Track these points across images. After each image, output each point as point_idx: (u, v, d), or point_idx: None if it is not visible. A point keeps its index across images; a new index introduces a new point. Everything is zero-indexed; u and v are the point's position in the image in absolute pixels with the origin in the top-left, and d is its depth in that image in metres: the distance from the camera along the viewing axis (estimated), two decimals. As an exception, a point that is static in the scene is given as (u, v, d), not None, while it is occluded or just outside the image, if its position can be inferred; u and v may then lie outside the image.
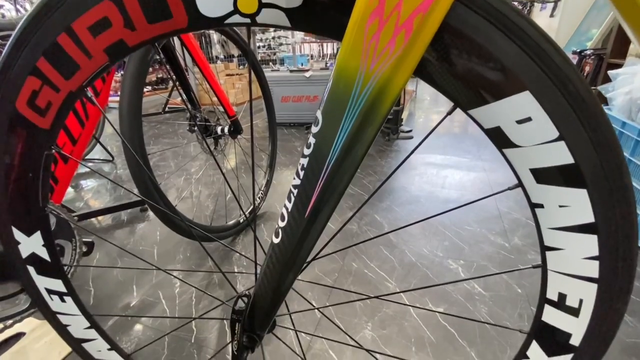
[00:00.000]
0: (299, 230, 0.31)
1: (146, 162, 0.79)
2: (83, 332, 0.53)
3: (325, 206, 0.30)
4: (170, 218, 0.87)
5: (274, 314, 0.38)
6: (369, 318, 0.91)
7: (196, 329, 0.89)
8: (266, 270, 0.35)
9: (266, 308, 0.38)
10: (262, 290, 0.37)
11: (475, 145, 2.28)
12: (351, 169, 0.28)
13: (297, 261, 0.33)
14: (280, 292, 0.36)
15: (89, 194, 1.78)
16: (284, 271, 0.34)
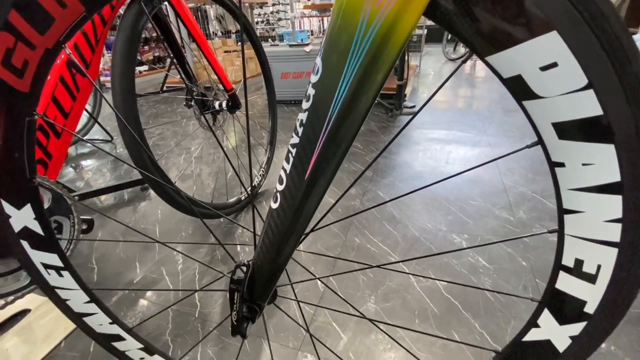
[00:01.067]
0: (298, 194, 0.29)
1: (141, 134, 0.76)
2: (83, 307, 0.52)
3: (327, 167, 0.27)
4: (165, 190, 0.85)
5: (274, 284, 0.37)
6: (372, 291, 0.91)
7: (200, 304, 0.89)
8: (265, 238, 0.33)
9: (266, 277, 0.36)
10: (261, 258, 0.35)
11: (480, 120, 2.23)
12: (355, 123, 0.25)
13: (297, 228, 0.31)
14: (280, 261, 0.34)
15: (89, 174, 1.77)
16: (283, 239, 0.32)
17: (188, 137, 2.21)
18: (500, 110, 2.46)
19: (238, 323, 0.37)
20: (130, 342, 0.56)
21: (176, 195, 0.89)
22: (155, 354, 0.57)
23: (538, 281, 0.91)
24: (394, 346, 0.76)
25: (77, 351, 0.78)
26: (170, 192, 0.87)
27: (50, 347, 0.78)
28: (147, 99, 3.47)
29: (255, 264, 0.36)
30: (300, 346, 0.77)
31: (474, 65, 4.49)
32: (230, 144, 2.08)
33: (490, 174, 1.50)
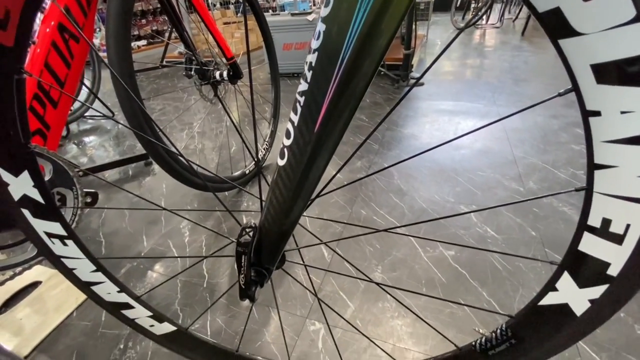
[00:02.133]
0: (307, 149, 0.26)
1: (136, 91, 0.73)
2: (90, 276, 0.52)
3: (339, 118, 0.25)
4: (158, 150, 0.82)
5: (282, 248, 0.36)
6: (378, 261, 0.91)
7: (207, 275, 0.90)
8: (272, 198, 0.31)
9: (273, 240, 0.35)
10: (268, 220, 0.33)
11: (490, 91, 2.16)
12: (371, 65, 0.22)
13: (305, 187, 0.29)
14: (288, 223, 0.33)
15: (92, 150, 1.75)
16: (291, 198, 0.30)
17: (190, 112, 2.17)
18: (510, 80, 2.37)
19: (246, 286, 0.36)
20: (139, 310, 0.56)
21: (162, 149, 0.87)
22: (164, 321, 0.57)
23: (547, 250, 0.90)
24: (401, 314, 0.76)
25: (89, 320, 0.79)
26: (168, 157, 0.85)
27: (62, 317, 0.79)
28: (147, 74, 3.40)
29: (263, 227, 0.35)
30: (308, 314, 0.77)
31: (483, 34, 4.31)
32: (232, 118, 2.04)
33: (500, 145, 1.47)
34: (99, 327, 0.77)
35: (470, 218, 1.05)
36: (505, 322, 0.42)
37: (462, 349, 0.47)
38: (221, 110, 2.17)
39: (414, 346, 0.69)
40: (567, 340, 0.39)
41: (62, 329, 0.77)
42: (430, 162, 1.37)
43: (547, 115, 1.74)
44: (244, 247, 0.34)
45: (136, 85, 0.74)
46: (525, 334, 0.41)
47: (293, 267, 0.90)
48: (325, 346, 0.71)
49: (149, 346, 0.72)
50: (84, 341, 0.74)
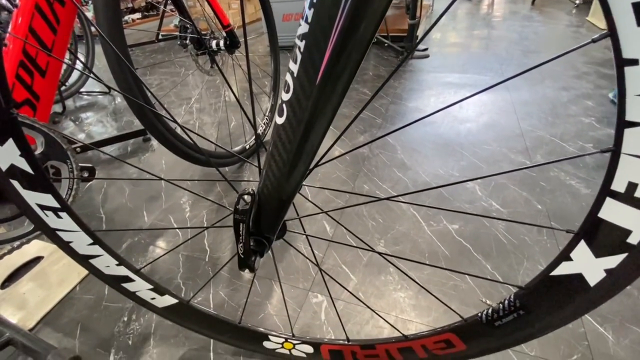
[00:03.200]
0: (308, 103, 0.24)
1: (126, 54, 0.70)
2: (87, 249, 0.51)
3: (345, 65, 0.22)
4: (145, 112, 0.79)
5: (282, 215, 0.34)
6: (381, 235, 0.90)
7: (209, 249, 0.90)
8: (271, 161, 0.29)
9: (273, 207, 0.33)
10: (267, 186, 0.31)
11: (498, 62, 2.08)
12: (380, 4, 0.19)
13: (306, 147, 0.27)
14: (288, 188, 0.30)
15: (89, 126, 1.72)
16: (292, 161, 0.28)
17: (188, 87, 2.12)
18: (519, 51, 2.28)
19: (245, 256, 0.35)
20: (140, 283, 0.55)
21: (167, 132, 0.84)
22: (165, 294, 0.57)
23: (554, 224, 0.89)
24: (404, 286, 0.76)
25: (93, 294, 0.79)
26: (162, 127, 0.82)
27: (65, 291, 0.79)
28: (142, 49, 3.30)
29: (261, 193, 0.33)
30: (310, 286, 0.77)
31: (491, 3, 4.12)
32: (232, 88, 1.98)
33: (506, 118, 1.42)
34: (103, 300, 0.78)
35: (475, 192, 1.03)
36: (514, 293, 0.41)
37: (468, 320, 0.46)
38: (219, 84, 2.12)
39: (417, 318, 0.69)
40: (577, 311, 0.38)
41: (66, 302, 0.78)
42: (434, 136, 1.34)
43: (556, 87, 1.68)
44: (242, 215, 0.33)
45: (126, 48, 0.70)
46: (535, 305, 0.40)
47: (294, 239, 0.89)
48: (327, 318, 0.71)
49: (152, 319, 0.73)
50: (87, 314, 0.75)
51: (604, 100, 1.50)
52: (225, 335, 0.62)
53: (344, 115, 1.57)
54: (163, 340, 0.69)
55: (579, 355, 0.61)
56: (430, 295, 0.73)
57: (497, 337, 0.45)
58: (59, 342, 0.69)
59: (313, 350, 0.58)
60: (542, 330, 0.42)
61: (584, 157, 1.14)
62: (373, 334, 0.67)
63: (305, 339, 0.58)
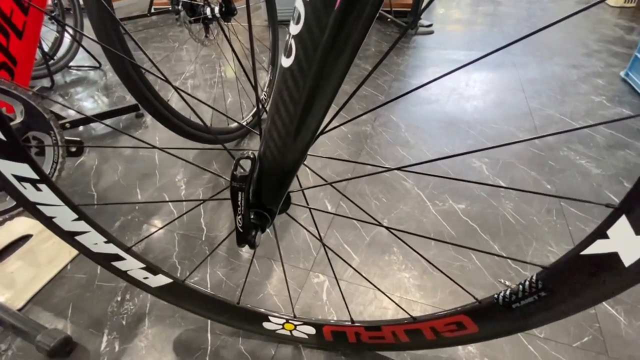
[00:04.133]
0: (323, 36, 0.19)
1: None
2: (72, 225, 0.47)
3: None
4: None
5: (287, 183, 0.30)
6: (384, 215, 0.87)
7: (206, 228, 0.86)
8: (275, 117, 0.25)
9: (277, 173, 0.29)
10: (270, 149, 0.27)
11: (505, 40, 2.00)
12: None
13: (319, 95, 0.22)
14: (294, 151, 0.26)
15: (79, 102, 1.65)
16: (300, 114, 0.23)
17: (182, 63, 2.03)
18: (527, 28, 2.19)
19: (244, 230, 0.31)
20: (131, 262, 0.52)
21: (159, 105, 0.79)
22: (159, 274, 0.53)
23: (563, 204, 0.85)
24: (408, 267, 0.73)
25: (85, 273, 0.76)
26: (153, 99, 0.77)
27: (56, 270, 0.76)
28: (134, 23, 3.16)
29: (263, 157, 0.28)
30: (311, 266, 0.74)
31: (498, -21, 3.95)
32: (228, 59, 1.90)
33: (514, 97, 1.37)
34: (95, 280, 0.75)
35: (482, 171, 0.99)
36: (537, 273, 0.38)
37: (483, 302, 0.43)
38: (214, 60, 2.03)
39: (422, 299, 0.67)
40: (604, 294, 0.35)
41: (57, 281, 0.75)
42: (440, 114, 1.29)
43: (566, 65, 1.62)
44: (240, 182, 0.28)
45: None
46: (558, 286, 0.36)
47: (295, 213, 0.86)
48: (329, 298, 0.68)
49: (147, 299, 0.70)
50: (80, 293, 0.72)
51: (615, 79, 1.45)
52: (223, 316, 0.59)
53: (344, 92, 1.51)
54: (158, 321, 0.66)
55: (590, 338, 0.59)
56: (435, 275, 0.70)
57: (512, 320, 0.42)
58: (49, 322, 0.67)
59: (315, 332, 0.56)
60: (562, 313, 0.39)
61: (595, 137, 1.10)
62: (376, 315, 0.65)
63: (307, 320, 0.55)
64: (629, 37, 1.91)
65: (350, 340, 0.55)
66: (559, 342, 0.59)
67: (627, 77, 1.41)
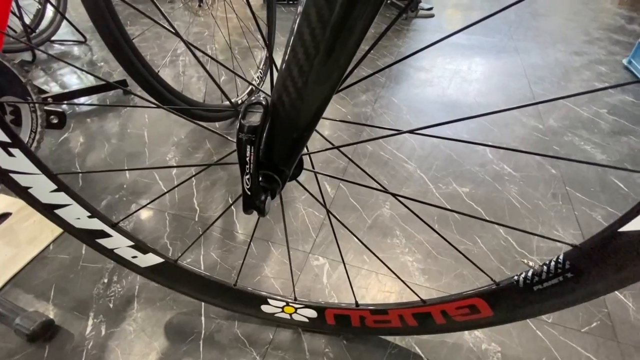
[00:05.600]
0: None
1: None
2: (51, 197, 0.42)
3: None
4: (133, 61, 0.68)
5: (304, 140, 0.26)
6: (386, 197, 0.83)
7: (199, 208, 0.82)
8: (294, 55, 0.20)
9: (293, 128, 0.24)
10: (289, 92, 0.22)
11: (506, 25, 1.96)
12: None
13: (345, 34, 0.18)
14: (315, 97, 0.22)
15: (62, 77, 1.56)
16: (327, 51, 0.19)
17: (171, 39, 1.94)
18: (528, 14, 2.16)
19: (253, 193, 0.27)
20: (118, 239, 0.47)
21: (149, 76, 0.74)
22: (148, 252, 0.49)
23: (569, 189, 0.83)
24: (411, 250, 0.71)
25: (68, 253, 0.71)
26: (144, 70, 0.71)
27: (37, 250, 0.71)
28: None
29: (277, 104, 0.24)
30: (311, 249, 0.71)
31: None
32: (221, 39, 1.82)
33: (517, 82, 1.34)
34: (80, 260, 0.70)
35: (486, 154, 0.96)
36: (565, 253, 0.35)
37: (501, 284, 0.40)
38: (207, 37, 1.94)
39: (427, 282, 0.64)
40: (635, 276, 0.32)
41: (38, 262, 0.70)
42: (442, 97, 1.25)
43: (568, 51, 1.59)
44: (250, 134, 0.24)
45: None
46: (588, 266, 0.34)
47: (293, 198, 0.82)
48: (330, 281, 0.65)
49: (136, 280, 0.66)
50: (63, 274, 0.67)
51: (617, 66, 1.43)
52: (218, 299, 0.56)
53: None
54: (148, 303, 0.62)
55: (598, 323, 0.57)
56: (439, 259, 0.67)
57: (531, 303, 0.40)
58: (29, 304, 0.62)
59: (317, 315, 0.53)
60: (586, 296, 0.36)
61: (599, 123, 1.08)
62: (379, 298, 0.62)
63: (309, 303, 0.52)
64: (630, 27, 1.89)
65: (353, 324, 0.52)
66: (567, 327, 0.57)
67: (630, 64, 1.39)
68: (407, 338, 0.56)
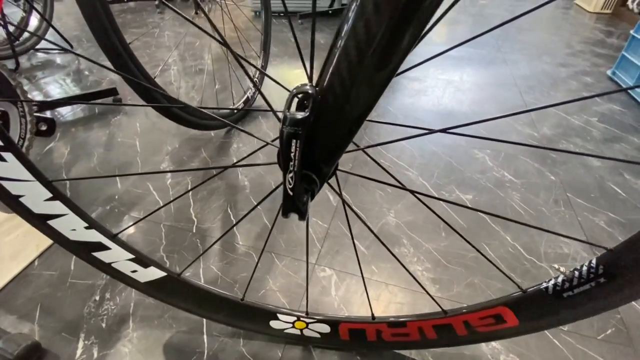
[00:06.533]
0: None
1: None
2: (45, 206, 0.39)
3: None
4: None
5: (352, 134, 0.23)
6: (390, 206, 0.82)
7: (197, 219, 0.78)
8: (355, 27, 0.18)
9: (342, 120, 0.22)
10: (340, 76, 0.19)
11: (493, 37, 2.02)
12: None
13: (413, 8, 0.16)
14: (369, 86, 0.20)
15: (47, 86, 1.50)
16: (393, 21, 0.17)
17: (162, 48, 1.91)
18: (513, 28, 2.23)
19: (295, 193, 0.24)
20: (116, 252, 0.44)
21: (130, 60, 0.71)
22: (150, 266, 0.45)
23: (569, 195, 0.84)
24: (420, 259, 0.69)
25: (55, 269, 0.66)
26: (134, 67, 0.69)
27: (21, 266, 0.66)
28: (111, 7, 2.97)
29: (328, 94, 0.21)
30: (316, 259, 0.68)
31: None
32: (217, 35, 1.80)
33: (509, 92, 1.37)
34: (68, 277, 0.65)
35: (485, 162, 0.97)
36: (598, 257, 0.34)
37: (528, 292, 0.39)
38: (198, 47, 1.92)
39: (439, 292, 0.62)
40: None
41: (22, 279, 0.65)
42: (437, 106, 1.26)
43: (554, 63, 1.64)
44: (296, 126, 0.21)
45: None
46: (622, 271, 0.32)
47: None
48: (338, 293, 0.62)
49: (131, 297, 0.62)
50: (49, 293, 0.62)
51: (602, 77, 1.48)
52: (223, 315, 0.52)
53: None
54: (145, 322, 0.58)
55: (613, 330, 0.57)
56: (449, 267, 0.66)
57: (560, 311, 0.38)
58: (13, 326, 0.57)
59: (330, 330, 0.50)
60: (619, 301, 0.35)
61: (591, 131, 1.10)
62: (391, 310, 0.60)
63: (322, 317, 0.49)
64: (609, 40, 1.97)
65: (369, 338, 0.49)
66: (583, 334, 0.56)
67: (614, 75, 1.44)
68: (424, 351, 0.53)
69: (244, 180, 0.90)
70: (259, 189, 0.87)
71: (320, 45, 1.93)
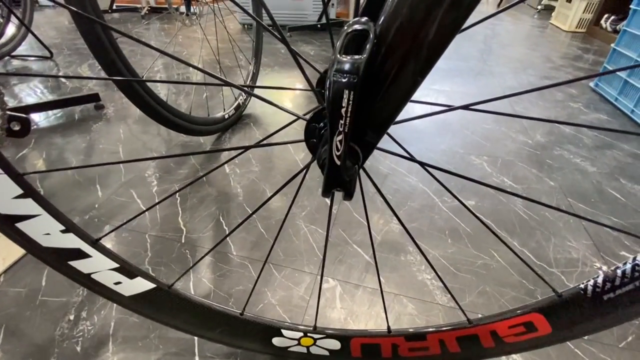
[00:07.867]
0: None
1: None
2: (13, 205, 0.33)
3: None
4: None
5: (417, 84, 0.19)
6: (393, 213, 0.78)
7: (185, 229, 0.72)
8: None
9: (410, 61, 0.17)
10: (412, 8, 0.15)
11: (478, 52, 2.08)
12: None
13: None
14: (442, 23, 0.16)
15: (20, 93, 1.42)
16: None
17: (148, 57, 1.86)
18: (495, 44, 2.31)
19: (342, 162, 0.19)
20: (98, 260, 0.38)
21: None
22: (137, 277, 0.40)
23: (570, 200, 0.83)
24: (427, 267, 0.65)
25: (23, 286, 0.59)
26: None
27: (-17, 282, 0.58)
28: (92, 18, 2.90)
29: (389, 33, 0.16)
30: (318, 270, 0.63)
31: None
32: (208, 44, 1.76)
33: (499, 102, 1.38)
34: (39, 294, 0.57)
35: (484, 168, 0.95)
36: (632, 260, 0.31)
37: (564, 295, 0.35)
38: (186, 56, 1.89)
39: (451, 302, 0.58)
40: None
41: (-17, 298, 0.57)
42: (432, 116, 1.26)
43: (538, 76, 1.69)
44: (351, 74, 0.17)
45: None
46: (672, 267, 0.30)
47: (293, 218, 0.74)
48: (344, 305, 0.57)
49: (111, 315, 0.55)
50: (16, 312, 0.55)
51: (585, 89, 1.53)
52: (218, 331, 0.46)
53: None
54: (127, 344, 0.51)
55: (633, 337, 0.54)
56: (459, 275, 0.62)
57: (598, 315, 0.35)
58: (-32, 352, 0.49)
59: (340, 346, 0.45)
60: (663, 303, 0.32)
61: (582, 139, 1.11)
62: (404, 321, 0.55)
63: (332, 332, 0.44)
64: (587, 56, 2.06)
65: (384, 354, 0.44)
66: (604, 343, 0.53)
67: (597, 87, 1.48)
68: (440, 367, 0.49)
69: (236, 187, 0.85)
70: (253, 195, 0.82)
71: (310, 56, 1.92)
